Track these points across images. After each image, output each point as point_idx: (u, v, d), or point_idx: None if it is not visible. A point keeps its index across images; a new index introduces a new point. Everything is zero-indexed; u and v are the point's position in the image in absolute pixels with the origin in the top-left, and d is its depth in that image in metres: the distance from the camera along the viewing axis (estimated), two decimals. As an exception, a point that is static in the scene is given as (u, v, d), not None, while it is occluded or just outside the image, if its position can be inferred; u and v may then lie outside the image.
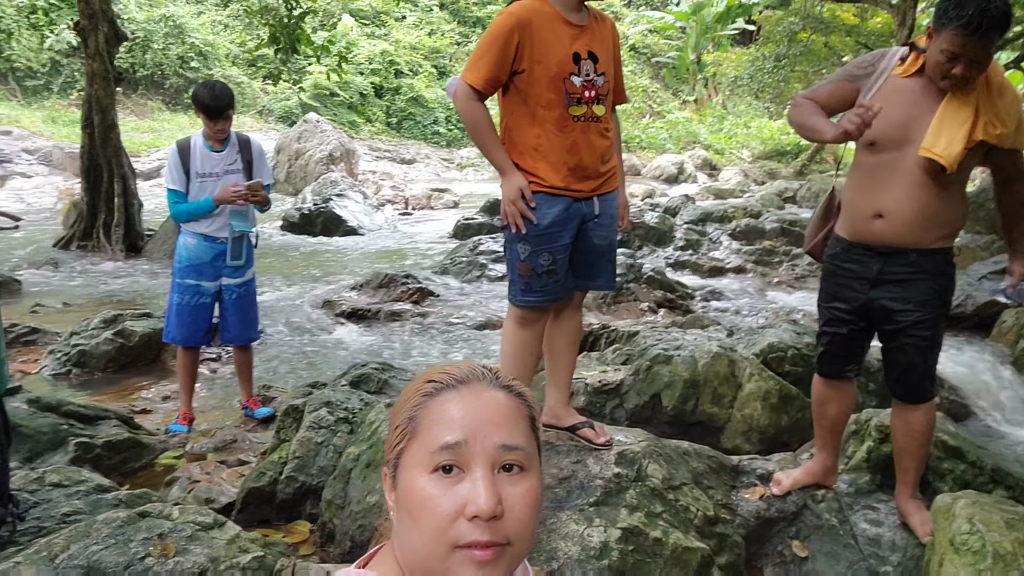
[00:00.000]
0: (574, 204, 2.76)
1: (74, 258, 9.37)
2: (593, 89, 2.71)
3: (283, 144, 16.54)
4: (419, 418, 0.94)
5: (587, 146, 2.73)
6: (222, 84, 4.23)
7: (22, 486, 2.27)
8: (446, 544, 0.88)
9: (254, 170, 4.31)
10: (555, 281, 2.79)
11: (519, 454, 0.93)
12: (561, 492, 2.79)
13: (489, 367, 1.01)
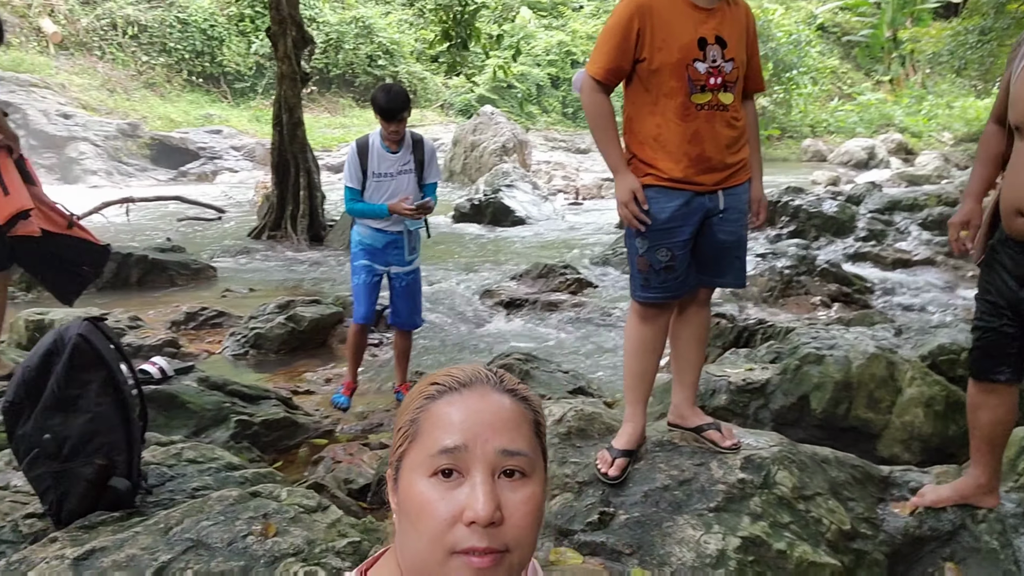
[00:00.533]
0: (696, 198, 2.63)
1: (264, 247, 10.13)
2: (719, 76, 2.56)
3: (459, 136, 17.04)
4: (420, 421, 0.93)
5: (711, 136, 2.59)
6: (398, 87, 4.37)
7: (162, 460, 2.48)
8: (444, 549, 0.86)
9: (425, 169, 4.47)
10: (674, 277, 2.68)
11: (520, 460, 0.90)
12: (680, 495, 2.69)
13: (495, 370, 0.98)
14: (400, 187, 4.41)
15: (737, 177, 2.71)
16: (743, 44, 2.65)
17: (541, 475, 0.94)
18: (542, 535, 2.72)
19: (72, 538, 1.95)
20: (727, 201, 2.68)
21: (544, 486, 0.95)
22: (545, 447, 0.98)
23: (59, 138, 19.11)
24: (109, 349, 2.14)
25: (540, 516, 0.92)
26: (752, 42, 2.73)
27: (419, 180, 4.48)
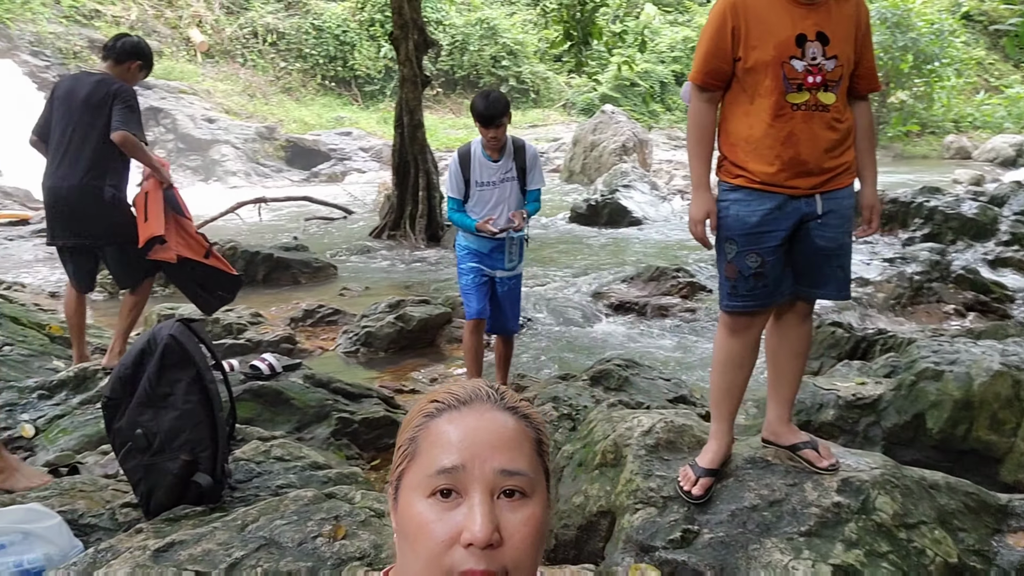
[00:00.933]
0: (790, 202, 2.49)
1: (384, 246, 10.42)
2: (819, 74, 2.42)
3: (579, 136, 16.98)
4: (419, 439, 0.91)
5: (808, 138, 2.45)
6: (497, 93, 4.31)
7: (251, 457, 2.58)
8: (441, 571, 0.85)
9: (528, 176, 4.39)
10: (763, 285, 2.55)
11: (520, 479, 0.88)
12: (769, 516, 2.56)
13: (496, 387, 0.96)
14: (503, 195, 4.37)
15: (838, 181, 2.54)
16: (850, 41, 2.49)
17: (543, 495, 0.91)
18: (623, 551, 2.66)
19: (156, 530, 2.06)
20: (826, 205, 2.52)
21: (546, 506, 0.92)
22: (548, 466, 0.95)
23: (203, 141, 20.33)
24: (199, 350, 2.24)
25: (541, 537, 0.89)
26: (864, 39, 2.55)
27: (522, 186, 4.43)
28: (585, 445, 3.18)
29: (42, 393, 3.92)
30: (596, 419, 3.31)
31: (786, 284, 2.60)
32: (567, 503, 3.00)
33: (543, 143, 21.99)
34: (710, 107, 2.60)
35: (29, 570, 1.94)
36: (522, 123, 24.24)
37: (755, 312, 2.62)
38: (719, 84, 2.56)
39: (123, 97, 4.27)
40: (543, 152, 21.40)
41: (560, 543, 2.96)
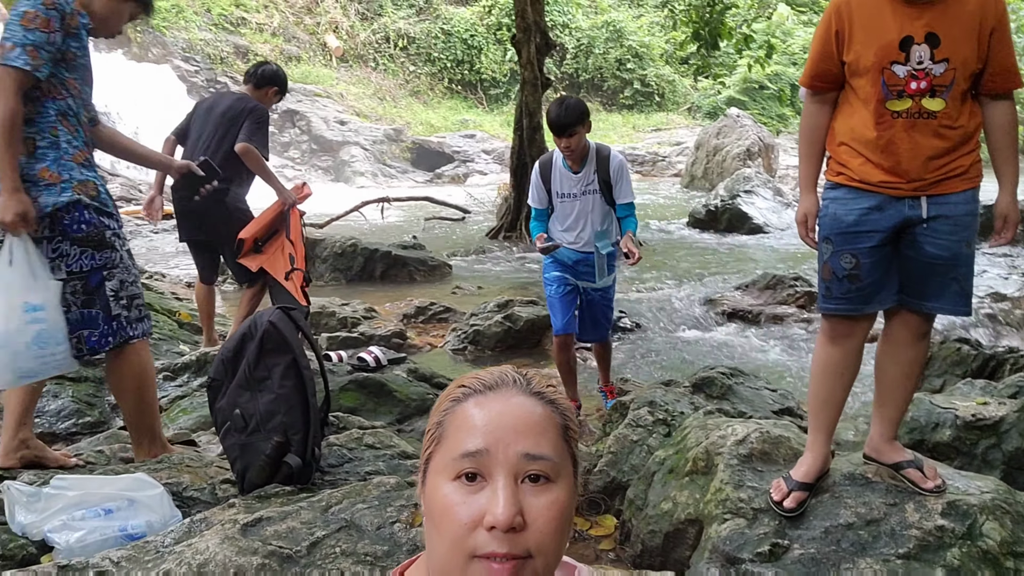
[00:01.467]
0: (891, 203, 2.38)
1: (499, 247, 10.55)
2: (925, 79, 2.29)
3: (702, 140, 16.65)
4: (446, 423, 0.93)
5: (909, 147, 2.33)
6: (574, 100, 4.09)
7: (344, 443, 2.68)
8: (464, 553, 0.86)
9: (615, 190, 4.16)
10: (857, 288, 2.43)
11: (544, 464, 0.88)
12: (866, 536, 2.44)
13: (524, 373, 0.96)
14: (585, 208, 4.18)
15: (949, 184, 2.38)
16: (970, 40, 2.32)
17: (568, 481, 0.91)
18: (709, 560, 2.60)
19: (247, 506, 2.17)
20: (934, 210, 2.38)
21: (572, 492, 0.92)
22: (575, 453, 0.95)
23: (335, 143, 21.18)
24: (297, 337, 2.34)
25: (565, 522, 0.89)
26: (996, 35, 2.36)
27: (608, 200, 4.19)
28: (677, 451, 3.12)
29: (167, 375, 4.20)
30: (690, 426, 3.25)
31: (887, 292, 2.46)
32: (655, 509, 2.96)
33: (665, 147, 21.72)
34: (820, 108, 2.52)
35: (132, 535, 2.09)
36: (645, 127, 24.01)
37: (851, 317, 2.49)
38: (827, 87, 2.48)
39: (256, 115, 4.72)
40: (664, 157, 21.13)
41: (646, 549, 2.92)
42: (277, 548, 1.93)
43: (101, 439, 3.38)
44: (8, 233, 2.53)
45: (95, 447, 3.18)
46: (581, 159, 4.12)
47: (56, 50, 2.62)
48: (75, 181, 2.66)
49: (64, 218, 2.64)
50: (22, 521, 2.12)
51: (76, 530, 2.05)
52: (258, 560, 1.89)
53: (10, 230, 2.52)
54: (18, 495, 2.16)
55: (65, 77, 2.69)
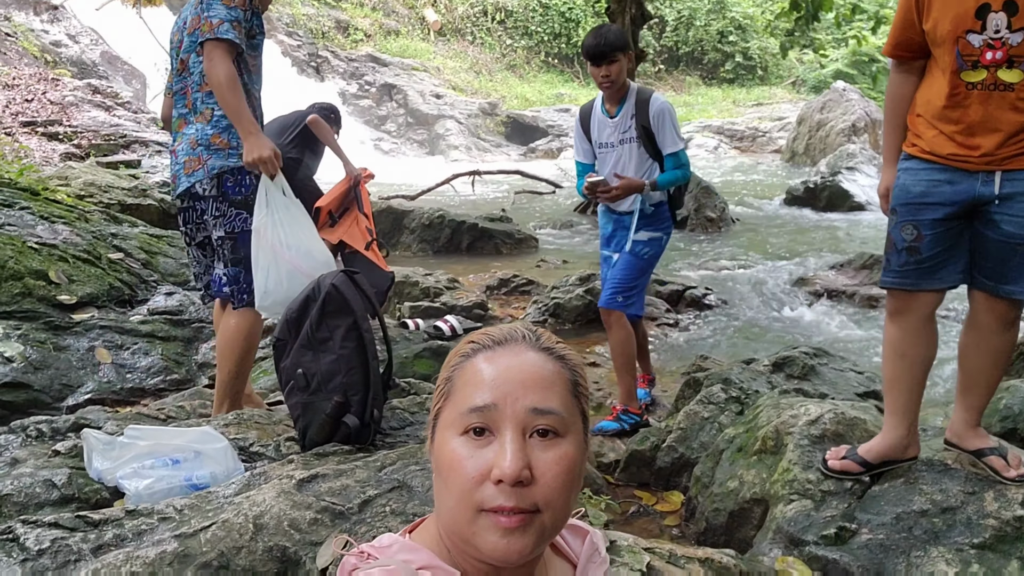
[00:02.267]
0: (962, 176, 2.24)
1: (588, 221, 10.45)
2: (1001, 49, 2.14)
3: (805, 115, 16.05)
4: (455, 378, 0.92)
5: (984, 120, 2.20)
6: (616, 29, 3.61)
7: (407, 407, 2.71)
8: (472, 507, 0.85)
9: (657, 137, 3.62)
10: (916, 262, 2.32)
11: (552, 418, 0.87)
12: (939, 524, 2.32)
13: (533, 328, 0.95)
14: (624, 159, 3.70)
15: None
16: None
17: (578, 436, 0.90)
18: (772, 541, 2.52)
19: (305, 462, 2.22)
20: (1010, 187, 2.22)
21: (581, 448, 0.91)
22: (585, 409, 0.94)
23: (430, 116, 21.39)
24: (359, 300, 2.38)
25: (574, 477, 0.88)
26: None
27: (650, 151, 3.68)
28: (748, 430, 3.04)
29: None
30: (763, 405, 3.15)
31: (949, 271, 2.34)
32: (721, 487, 2.89)
33: (766, 122, 21.04)
34: (905, 78, 2.40)
35: (197, 484, 2.18)
36: (746, 101, 23.31)
37: (909, 291, 2.37)
38: (910, 55, 2.36)
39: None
40: (764, 132, 20.48)
41: (710, 527, 2.86)
42: (330, 504, 1.97)
43: (185, 395, 3.54)
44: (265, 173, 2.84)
45: (178, 403, 3.33)
46: (619, 98, 3.63)
47: (247, 27, 2.91)
48: (242, 149, 2.87)
49: (228, 181, 2.94)
50: (98, 467, 2.24)
51: (145, 478, 2.15)
52: (311, 515, 1.94)
53: (268, 166, 2.81)
54: (95, 442, 2.28)
55: (246, 53, 2.96)
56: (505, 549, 0.84)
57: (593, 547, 1.04)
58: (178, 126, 3.04)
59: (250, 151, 2.80)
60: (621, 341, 3.89)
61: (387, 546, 0.94)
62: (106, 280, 4.33)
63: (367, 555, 0.93)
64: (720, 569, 2.14)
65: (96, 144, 12.51)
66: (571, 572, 1.01)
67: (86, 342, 3.81)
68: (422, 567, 0.90)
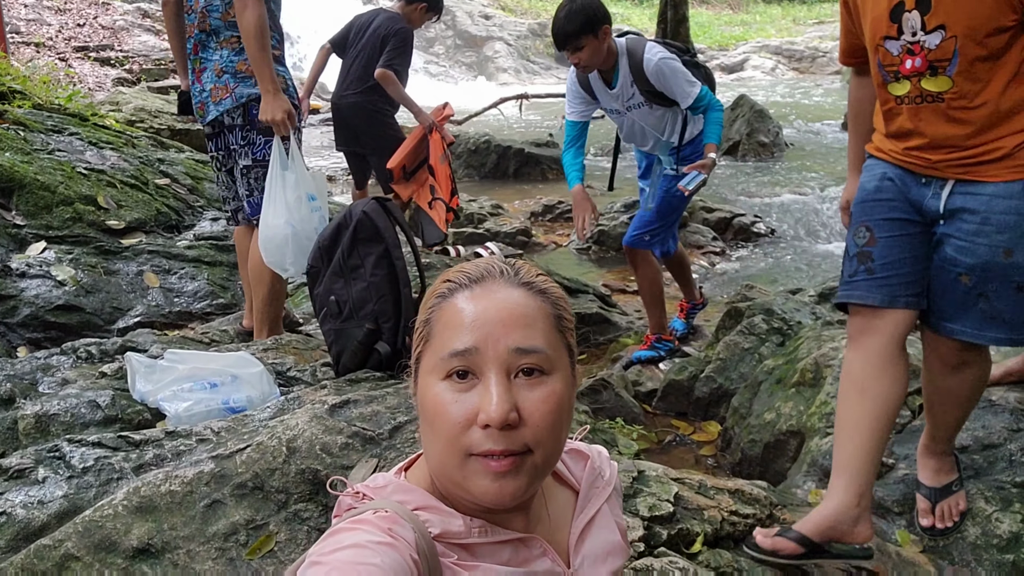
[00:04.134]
0: (910, 178, 1.94)
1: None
2: (920, 55, 1.82)
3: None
4: (433, 321, 0.88)
5: (920, 135, 1.89)
6: (579, 5, 3.17)
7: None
8: (460, 451, 0.83)
9: (669, 97, 3.35)
10: (867, 271, 1.97)
11: (537, 357, 0.84)
12: (981, 460, 2.28)
13: (511, 262, 0.90)
14: (637, 124, 3.52)
15: (980, 171, 1.84)
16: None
17: (565, 371, 0.87)
18: (806, 474, 2.51)
19: (337, 388, 2.25)
20: (959, 200, 1.87)
21: (569, 383, 0.87)
22: (571, 342, 0.90)
23: (479, 38, 21.01)
24: (391, 228, 2.36)
25: (562, 414, 0.85)
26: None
27: (665, 102, 3.38)
28: (787, 361, 3.00)
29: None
30: (804, 336, 3.10)
31: (904, 290, 1.94)
32: (758, 418, 2.87)
33: (827, 42, 20.21)
34: (862, 82, 2.15)
35: (234, 407, 2.23)
36: (806, 19, 22.38)
37: (870, 308, 1.97)
38: (862, 60, 2.08)
39: (399, 38, 4.84)
40: (825, 52, 19.69)
41: (745, 458, 2.85)
42: (361, 429, 2.00)
43: (230, 319, 3.61)
44: (277, 133, 2.84)
45: (222, 327, 3.40)
46: (610, 66, 3.34)
47: None
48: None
49: (254, 108, 2.93)
50: (141, 389, 2.30)
51: (184, 400, 2.21)
52: (342, 439, 1.97)
53: (280, 128, 2.82)
54: (138, 365, 2.34)
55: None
56: (497, 492, 0.82)
57: (595, 472, 1.03)
58: (194, 49, 3.01)
59: (264, 110, 2.80)
60: (648, 278, 3.83)
61: (382, 486, 0.92)
62: (153, 206, 4.39)
63: (362, 495, 0.92)
64: (750, 500, 2.13)
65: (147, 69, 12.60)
66: (573, 499, 1.00)
67: (135, 267, 3.89)
68: (418, 508, 0.89)
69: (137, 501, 1.79)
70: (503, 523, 0.90)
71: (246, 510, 1.84)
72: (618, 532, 1.02)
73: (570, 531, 0.97)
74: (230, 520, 1.81)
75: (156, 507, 1.80)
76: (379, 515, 0.84)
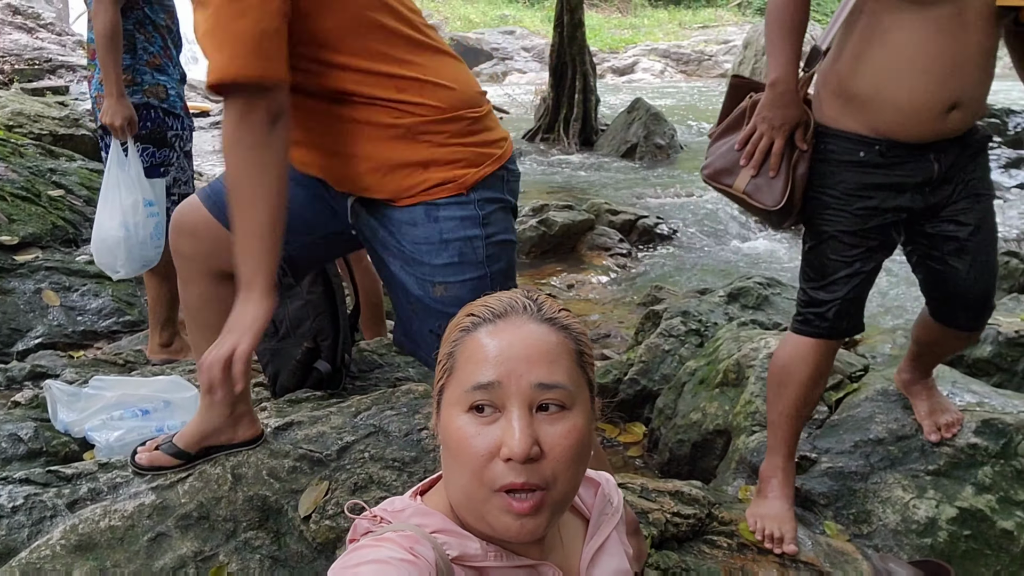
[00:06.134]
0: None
1: (536, 149, 10.38)
2: None
3: (751, 38, 16.03)
4: (456, 354, 0.90)
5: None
6: None
7: (374, 349, 2.70)
8: (484, 485, 0.85)
9: None
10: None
11: (558, 392, 0.86)
12: (896, 451, 2.43)
13: (534, 298, 0.93)
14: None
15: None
16: None
17: (585, 407, 0.90)
18: (735, 471, 2.61)
19: (278, 409, 2.21)
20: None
21: (589, 418, 0.90)
22: (592, 378, 0.93)
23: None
24: (326, 243, 2.33)
25: (583, 448, 0.88)
26: None
27: None
28: (709, 363, 3.11)
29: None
30: (723, 337, 3.22)
31: None
32: (684, 418, 2.97)
33: (712, 46, 20.96)
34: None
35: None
36: (692, 23, 23.14)
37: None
38: None
39: None
40: (710, 55, 20.40)
41: (674, 457, 2.94)
42: (308, 452, 1.97)
43: (141, 338, 3.46)
44: (115, 137, 2.89)
45: (135, 346, 3.26)
46: None
47: None
48: (147, 84, 2.99)
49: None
50: (64, 419, 2.18)
51: (115, 429, 2.11)
52: (289, 463, 1.93)
53: (118, 133, 2.87)
54: (60, 394, 2.22)
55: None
56: (519, 530, 0.84)
57: (605, 498, 1.06)
58: (89, 53, 3.05)
59: (104, 112, 2.86)
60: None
61: (400, 510, 0.93)
62: (48, 219, 4.16)
63: (379, 519, 0.93)
64: (690, 500, 2.21)
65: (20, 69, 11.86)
66: (583, 526, 1.03)
67: (32, 284, 3.67)
68: (436, 531, 0.90)
69: (76, 539, 1.71)
70: (518, 549, 0.92)
71: (193, 541, 1.78)
72: (626, 559, 1.05)
73: (581, 557, 1.00)
74: (177, 553, 1.75)
75: (96, 544, 1.72)
76: (401, 534, 0.86)
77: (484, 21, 22.55)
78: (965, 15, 1.70)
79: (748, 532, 2.16)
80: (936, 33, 1.70)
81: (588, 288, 5.42)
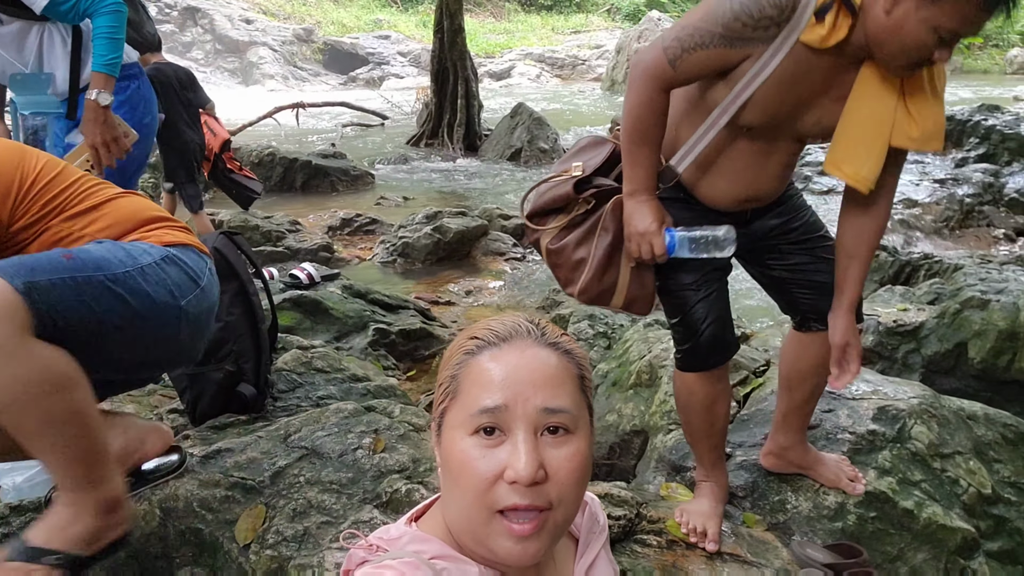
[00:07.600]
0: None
1: (421, 155, 10.34)
2: None
3: (623, 43, 16.52)
4: (460, 377, 0.90)
5: None
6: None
7: (293, 368, 2.63)
8: (486, 508, 0.85)
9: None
10: None
11: (563, 416, 0.87)
12: (803, 441, 2.57)
13: (537, 322, 0.94)
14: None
15: None
16: None
17: (586, 430, 0.92)
18: (655, 469, 2.70)
19: (202, 437, 2.12)
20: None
21: (590, 440, 0.92)
22: (591, 401, 0.95)
23: (241, 43, 20.12)
24: (242, 261, 2.25)
25: (585, 472, 0.90)
26: None
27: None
28: (620, 365, 3.19)
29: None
30: (632, 339, 3.32)
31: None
32: (600, 421, 3.04)
33: (585, 50, 21.45)
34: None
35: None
36: (564, 28, 23.60)
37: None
38: None
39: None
40: (584, 60, 20.88)
41: (593, 459, 3.01)
42: (240, 479, 1.90)
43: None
44: None
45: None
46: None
47: None
48: None
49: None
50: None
51: (22, 472, 1.97)
52: (222, 492, 1.87)
53: None
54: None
55: None
56: (520, 554, 0.85)
57: (592, 517, 1.08)
58: None
59: None
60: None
61: (396, 538, 0.93)
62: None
63: (376, 548, 0.92)
64: (619, 502, 2.26)
65: None
66: (573, 545, 1.05)
67: None
68: (434, 557, 0.90)
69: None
70: (515, 572, 0.93)
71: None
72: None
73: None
74: (108, 596, 1.66)
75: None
76: (400, 562, 0.85)
77: (358, 26, 22.26)
78: (777, 142, 1.93)
79: (676, 528, 2.24)
80: (750, 155, 1.94)
81: (487, 293, 5.44)
